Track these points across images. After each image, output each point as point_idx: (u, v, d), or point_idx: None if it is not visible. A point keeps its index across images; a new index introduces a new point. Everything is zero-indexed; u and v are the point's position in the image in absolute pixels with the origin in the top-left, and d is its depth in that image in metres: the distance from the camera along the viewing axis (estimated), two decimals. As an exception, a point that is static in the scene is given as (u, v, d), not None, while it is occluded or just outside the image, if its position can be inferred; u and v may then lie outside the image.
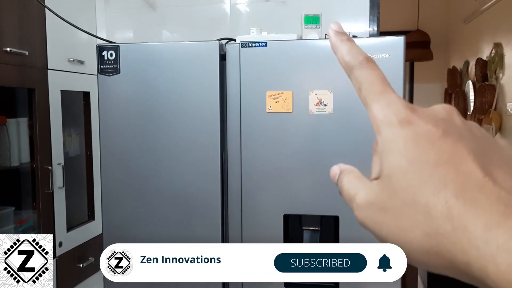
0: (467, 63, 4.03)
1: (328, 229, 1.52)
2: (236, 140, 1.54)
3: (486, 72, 3.46)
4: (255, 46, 1.50)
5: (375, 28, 2.15)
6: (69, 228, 2.14)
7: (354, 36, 1.64)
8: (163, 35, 2.34)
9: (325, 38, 1.56)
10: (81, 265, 2.18)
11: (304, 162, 1.50)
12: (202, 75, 1.54)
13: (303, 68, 1.49)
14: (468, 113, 3.84)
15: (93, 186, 2.34)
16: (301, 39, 1.59)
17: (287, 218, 1.53)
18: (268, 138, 1.52)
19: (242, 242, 1.56)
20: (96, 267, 2.31)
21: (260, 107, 1.51)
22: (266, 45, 1.49)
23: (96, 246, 2.34)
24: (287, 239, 1.54)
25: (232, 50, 1.53)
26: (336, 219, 1.50)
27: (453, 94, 4.31)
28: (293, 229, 1.55)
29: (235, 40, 1.65)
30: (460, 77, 4.20)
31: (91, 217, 2.34)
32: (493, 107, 3.29)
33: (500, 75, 3.25)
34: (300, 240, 1.54)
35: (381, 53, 1.40)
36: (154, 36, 2.33)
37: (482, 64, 3.53)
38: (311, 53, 1.48)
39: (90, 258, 2.26)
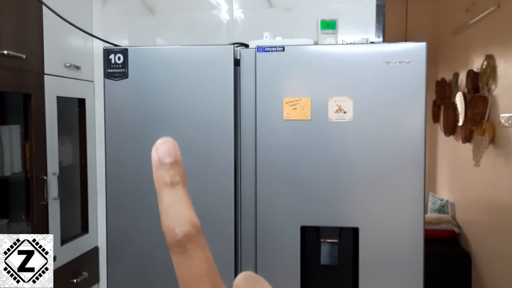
0: (456, 75, 4.06)
1: (347, 241, 1.47)
2: (251, 148, 1.48)
3: (478, 83, 3.49)
4: (272, 51, 1.44)
5: (381, 36, 2.13)
6: (62, 241, 2.03)
7: (371, 42, 1.60)
8: (161, 41, 2.27)
9: (343, 44, 1.52)
10: (75, 280, 2.06)
11: (323, 171, 1.44)
12: (215, 80, 1.47)
13: (321, 74, 1.44)
14: (459, 124, 3.85)
15: (87, 197, 2.23)
16: (316, 44, 1.54)
17: (303, 230, 1.47)
18: (284, 147, 1.46)
19: (256, 255, 1.49)
20: (90, 283, 2.20)
21: (276, 114, 1.45)
22: (283, 50, 1.43)
23: (90, 260, 2.23)
24: (304, 252, 1.47)
25: (246, 55, 1.47)
26: (355, 231, 1.44)
27: (442, 106, 4.33)
28: (310, 241, 1.49)
29: (246, 46, 1.59)
30: (449, 89, 4.23)
31: (84, 230, 2.23)
32: (486, 119, 3.31)
33: (493, 87, 3.27)
34: (318, 254, 1.47)
35: (404, 59, 1.36)
36: (152, 41, 2.26)
37: (473, 76, 3.55)
38: (329, 58, 1.43)
39: (84, 273, 2.14)
